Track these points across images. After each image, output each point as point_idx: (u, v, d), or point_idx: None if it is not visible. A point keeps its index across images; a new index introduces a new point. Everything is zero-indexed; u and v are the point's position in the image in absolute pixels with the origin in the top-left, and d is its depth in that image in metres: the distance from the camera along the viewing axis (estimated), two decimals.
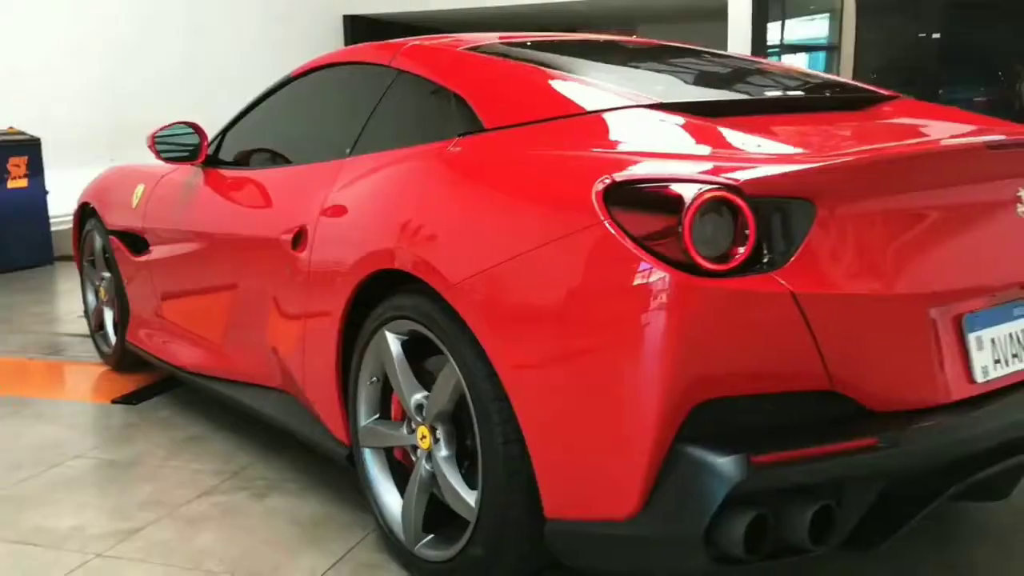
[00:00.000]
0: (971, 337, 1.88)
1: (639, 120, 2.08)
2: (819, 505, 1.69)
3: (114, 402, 3.67)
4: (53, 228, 7.18)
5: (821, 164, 1.75)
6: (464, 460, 2.11)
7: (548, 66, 2.45)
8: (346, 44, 11.81)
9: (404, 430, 2.25)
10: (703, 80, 2.73)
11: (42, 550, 2.42)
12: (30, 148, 7.03)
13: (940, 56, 10.64)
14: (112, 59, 8.37)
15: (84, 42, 8.12)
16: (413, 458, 2.23)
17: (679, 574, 1.89)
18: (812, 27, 12.30)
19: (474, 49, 2.61)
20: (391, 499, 2.30)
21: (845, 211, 1.74)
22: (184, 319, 3.40)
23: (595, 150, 1.97)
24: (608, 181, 1.76)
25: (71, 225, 4.39)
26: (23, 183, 6.98)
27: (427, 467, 2.16)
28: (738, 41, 10.38)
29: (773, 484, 1.68)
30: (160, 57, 8.90)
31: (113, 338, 4.01)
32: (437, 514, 2.18)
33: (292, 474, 2.87)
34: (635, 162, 1.83)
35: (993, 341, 1.92)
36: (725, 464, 1.66)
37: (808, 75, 2.88)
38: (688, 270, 1.66)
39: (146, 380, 3.88)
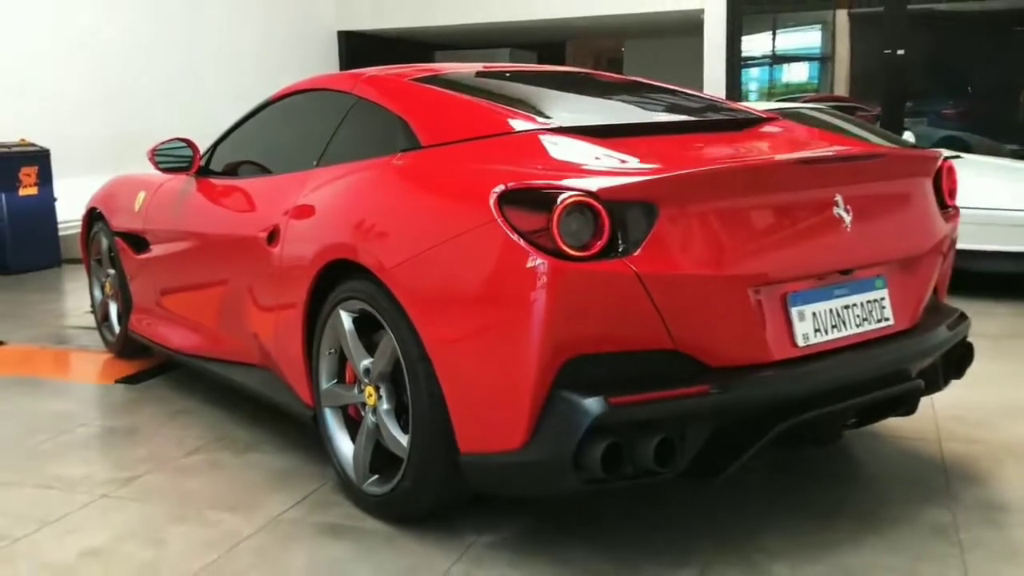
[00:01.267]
0: (794, 311, 2.39)
1: (538, 141, 2.59)
2: (662, 436, 2.19)
3: (117, 382, 4.19)
4: (61, 233, 7.69)
5: (661, 176, 2.27)
6: (401, 413, 2.61)
7: (477, 95, 2.98)
8: (340, 59, 12.35)
9: (355, 391, 2.75)
10: (607, 106, 3.26)
11: (59, 492, 2.93)
12: (40, 159, 7.55)
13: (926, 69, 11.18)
14: (117, 77, 8.88)
15: (91, 61, 8.64)
16: (363, 413, 2.73)
17: (558, 494, 2.39)
18: (806, 37, 12.78)
19: (418, 80, 3.14)
20: (345, 447, 2.81)
21: (683, 211, 2.25)
22: (179, 308, 3.91)
23: (499, 164, 2.48)
24: (502, 188, 2.28)
25: (79, 230, 4.91)
26: (33, 191, 7.51)
27: (373, 419, 2.67)
28: (713, 55, 10.92)
29: (625, 419, 2.18)
30: (163, 74, 9.42)
31: (117, 328, 4.52)
32: (381, 458, 2.68)
33: (269, 437, 3.38)
34: (524, 174, 2.35)
35: (814, 314, 2.43)
36: (589, 403, 2.17)
37: (705, 100, 3.39)
38: (558, 257, 2.17)
39: (146, 364, 4.39)
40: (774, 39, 12.42)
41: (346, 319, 2.73)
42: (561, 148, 2.55)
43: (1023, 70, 10.65)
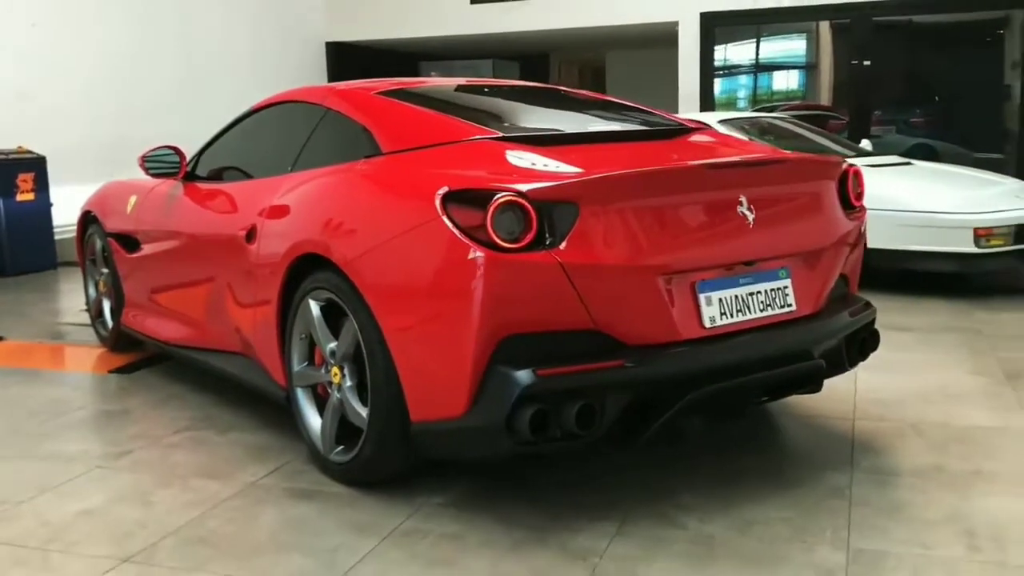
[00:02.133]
0: (702, 296, 2.74)
1: (484, 148, 2.95)
2: (583, 404, 2.53)
3: (110, 372, 4.52)
4: (57, 236, 8.01)
5: (582, 179, 2.62)
6: (362, 390, 2.95)
7: (436, 107, 3.34)
8: (328, 68, 12.70)
9: (323, 371, 3.09)
10: (555, 117, 3.61)
11: (57, 464, 3.26)
12: (37, 165, 7.88)
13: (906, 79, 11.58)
14: (112, 87, 9.21)
15: (87, 71, 8.97)
16: (329, 391, 3.07)
17: (495, 455, 2.73)
18: (792, 46, 13.09)
19: (383, 93, 3.49)
20: (315, 422, 3.14)
21: (603, 209, 2.59)
22: (168, 302, 4.24)
23: (447, 169, 2.83)
24: (445, 190, 2.62)
25: (74, 233, 5.23)
26: (30, 196, 7.84)
27: (338, 396, 3.01)
28: (687, 66, 11.30)
29: (551, 388, 2.52)
30: (158, 85, 9.76)
31: (110, 323, 4.85)
32: (345, 431, 3.01)
33: (248, 418, 3.71)
34: (466, 177, 2.69)
35: (720, 300, 2.77)
36: (519, 375, 2.51)
37: (643, 112, 3.74)
38: (493, 249, 2.51)
39: (137, 357, 4.72)
40: (758, 48, 12.78)
41: (314, 307, 3.06)
42: (503, 155, 2.90)
43: (988, 80, 11.02)
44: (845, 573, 2.36)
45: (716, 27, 11.24)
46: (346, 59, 12.75)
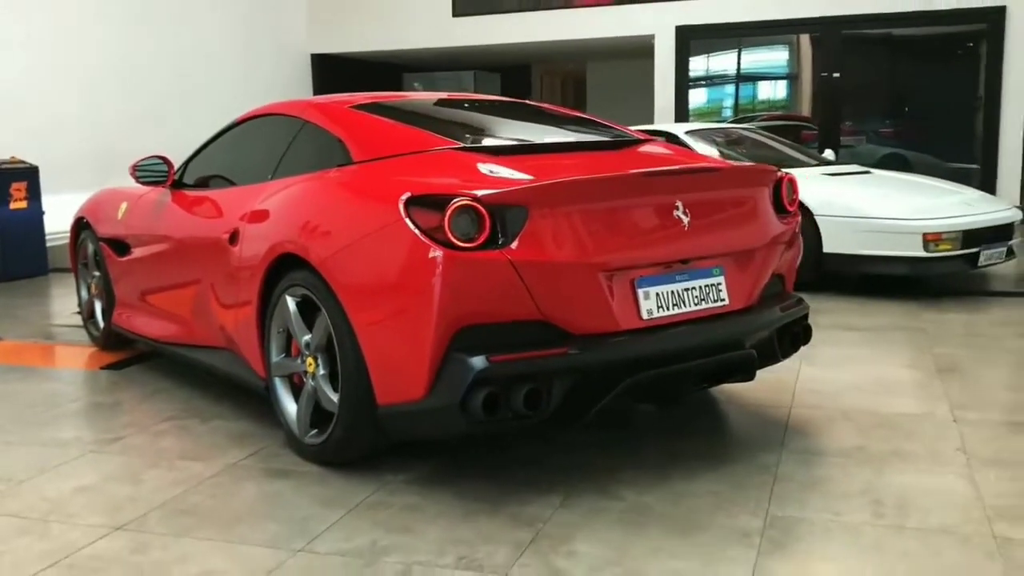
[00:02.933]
0: (640, 291, 3.03)
1: (447, 158, 3.24)
2: (530, 387, 2.81)
3: (102, 369, 4.78)
4: (49, 244, 8.27)
5: (531, 185, 2.91)
6: (334, 377, 3.22)
7: (405, 120, 3.63)
8: (313, 80, 13.00)
9: (299, 361, 3.36)
10: (511, 128, 3.91)
11: (54, 449, 3.53)
12: (29, 174, 8.15)
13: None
14: (102, 100, 9.50)
15: (79, 84, 9.26)
16: (304, 379, 3.35)
17: (451, 434, 3.01)
18: (775, 56, 13.40)
19: (357, 107, 3.78)
20: (291, 408, 3.42)
21: (550, 212, 2.88)
22: (156, 302, 4.51)
23: (412, 176, 3.12)
24: (408, 195, 2.91)
25: (66, 241, 5.50)
26: (23, 204, 8.10)
27: (312, 383, 3.28)
28: (663, 77, 11.64)
29: (502, 373, 2.80)
30: (149, 98, 10.05)
31: (101, 323, 5.11)
32: (319, 417, 3.29)
33: (230, 409, 3.98)
34: (427, 184, 2.98)
35: (657, 294, 3.07)
36: (473, 361, 2.79)
37: (600, 125, 4.04)
38: (450, 248, 2.80)
39: (127, 355, 4.99)
40: (739, 59, 13.10)
41: (291, 303, 3.34)
42: (463, 163, 3.20)
43: (960, 91, 11.34)
44: (760, 536, 2.64)
45: (691, 40, 11.59)
46: (331, 71, 13.06)
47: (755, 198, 3.42)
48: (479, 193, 2.83)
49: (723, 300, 3.22)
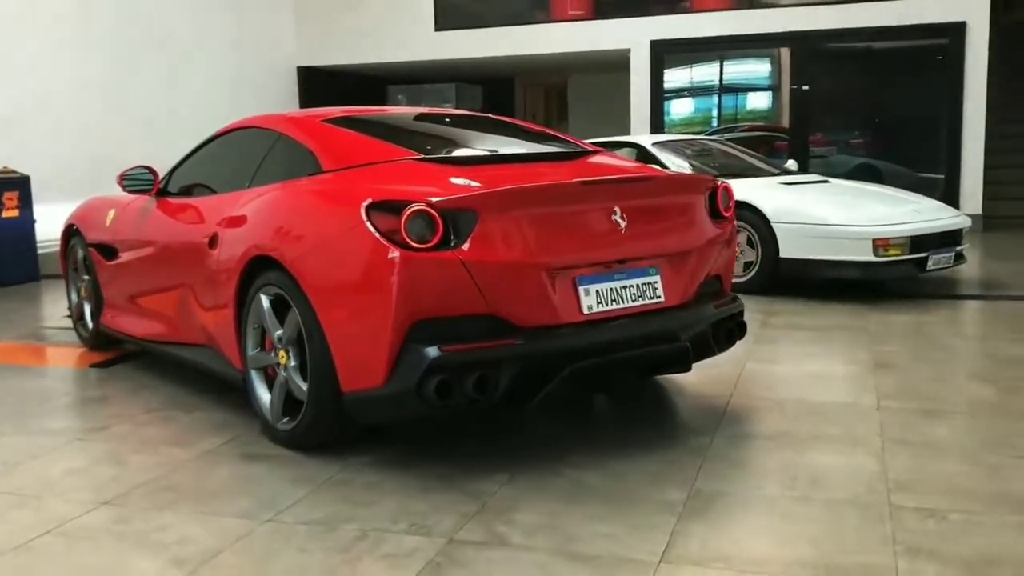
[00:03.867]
0: (581, 288, 3.34)
1: (408, 167, 3.55)
2: (479, 374, 3.11)
3: (90, 367, 5.06)
4: (40, 251, 8.55)
5: (480, 192, 3.22)
6: (303, 369, 3.52)
7: (373, 133, 3.94)
8: (299, 92, 13.30)
9: (272, 355, 3.66)
10: (472, 140, 4.23)
11: (45, 437, 3.81)
12: (21, 184, 8.43)
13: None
14: (93, 110, 9.80)
15: (71, 97, 9.56)
16: (277, 371, 3.64)
17: (408, 417, 3.31)
18: (758, 68, 13.75)
19: (329, 121, 4.09)
20: (265, 397, 3.71)
21: (499, 216, 3.19)
22: (142, 303, 4.79)
23: (375, 184, 3.42)
24: (369, 200, 3.21)
25: (57, 248, 5.78)
26: (15, 213, 8.38)
27: (284, 374, 3.58)
28: (639, 90, 11.98)
29: (453, 362, 3.10)
30: (138, 110, 10.35)
31: (90, 324, 5.39)
32: (290, 406, 3.58)
33: (211, 403, 4.27)
34: (386, 190, 3.29)
35: (597, 291, 3.37)
36: (428, 350, 3.09)
37: (556, 139, 4.35)
38: (407, 249, 3.10)
39: (114, 354, 5.27)
40: (717, 72, 13.47)
41: (265, 301, 3.64)
42: (422, 173, 3.51)
43: (928, 103, 11.69)
44: (683, 506, 2.95)
45: (665, 54, 11.95)
46: (318, 83, 13.37)
47: (690, 204, 3.73)
48: (433, 199, 3.14)
49: (659, 297, 3.53)
